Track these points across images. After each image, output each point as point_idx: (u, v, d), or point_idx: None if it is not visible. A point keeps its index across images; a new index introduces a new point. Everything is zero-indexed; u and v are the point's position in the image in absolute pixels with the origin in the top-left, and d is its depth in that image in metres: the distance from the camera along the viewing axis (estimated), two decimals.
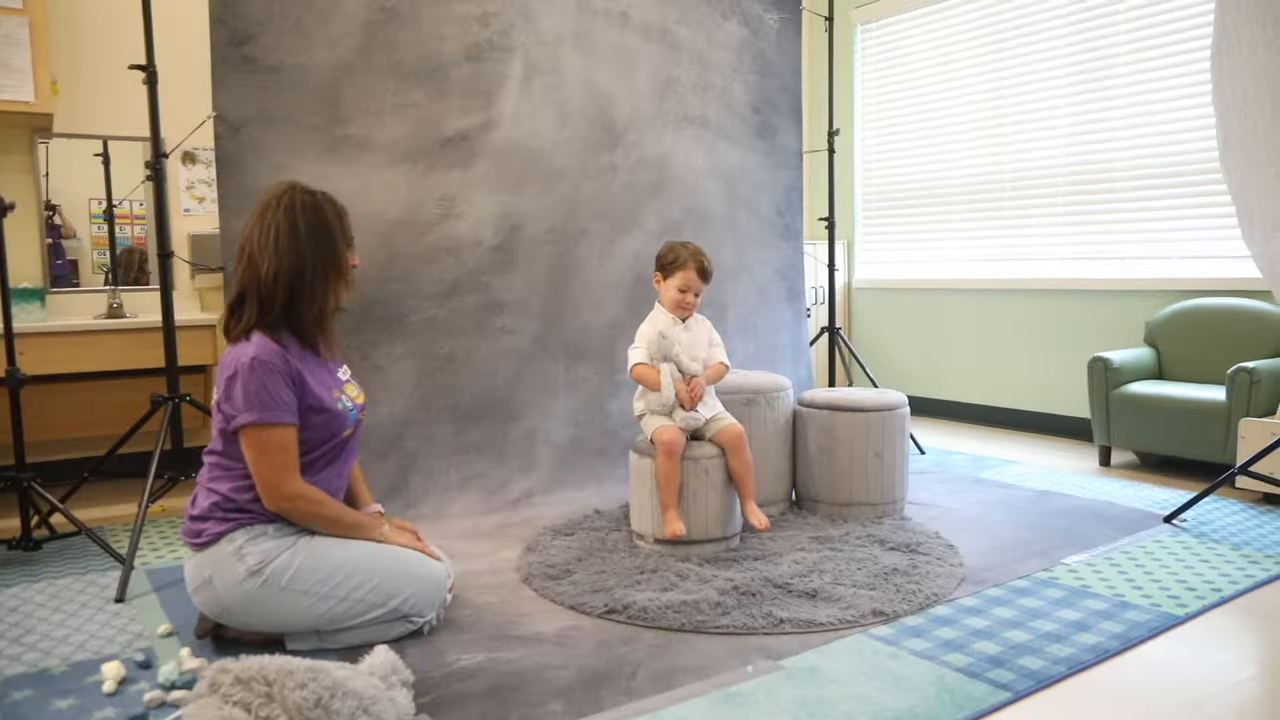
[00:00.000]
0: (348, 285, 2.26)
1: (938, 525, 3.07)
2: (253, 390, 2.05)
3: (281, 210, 2.15)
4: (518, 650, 2.14)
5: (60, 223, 3.90)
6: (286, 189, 2.20)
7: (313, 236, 2.16)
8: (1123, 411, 3.84)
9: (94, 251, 3.96)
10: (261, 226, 2.14)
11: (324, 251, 2.17)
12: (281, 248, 2.12)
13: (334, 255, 2.19)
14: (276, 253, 2.12)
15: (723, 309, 4.08)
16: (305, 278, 2.14)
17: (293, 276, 2.13)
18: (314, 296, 2.16)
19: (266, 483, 2.08)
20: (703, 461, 2.73)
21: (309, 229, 2.15)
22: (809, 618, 2.26)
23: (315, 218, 2.18)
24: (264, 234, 2.13)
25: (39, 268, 3.79)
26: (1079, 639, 2.15)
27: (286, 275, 2.12)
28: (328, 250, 2.18)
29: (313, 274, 2.15)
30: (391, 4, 3.27)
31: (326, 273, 2.18)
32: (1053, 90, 4.60)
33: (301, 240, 2.14)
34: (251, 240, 2.14)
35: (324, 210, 2.20)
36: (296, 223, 2.14)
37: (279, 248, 2.12)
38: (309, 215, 2.17)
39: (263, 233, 2.13)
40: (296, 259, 2.13)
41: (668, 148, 3.90)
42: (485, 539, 3.00)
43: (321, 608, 2.10)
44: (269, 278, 2.11)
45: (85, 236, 3.95)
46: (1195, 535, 2.95)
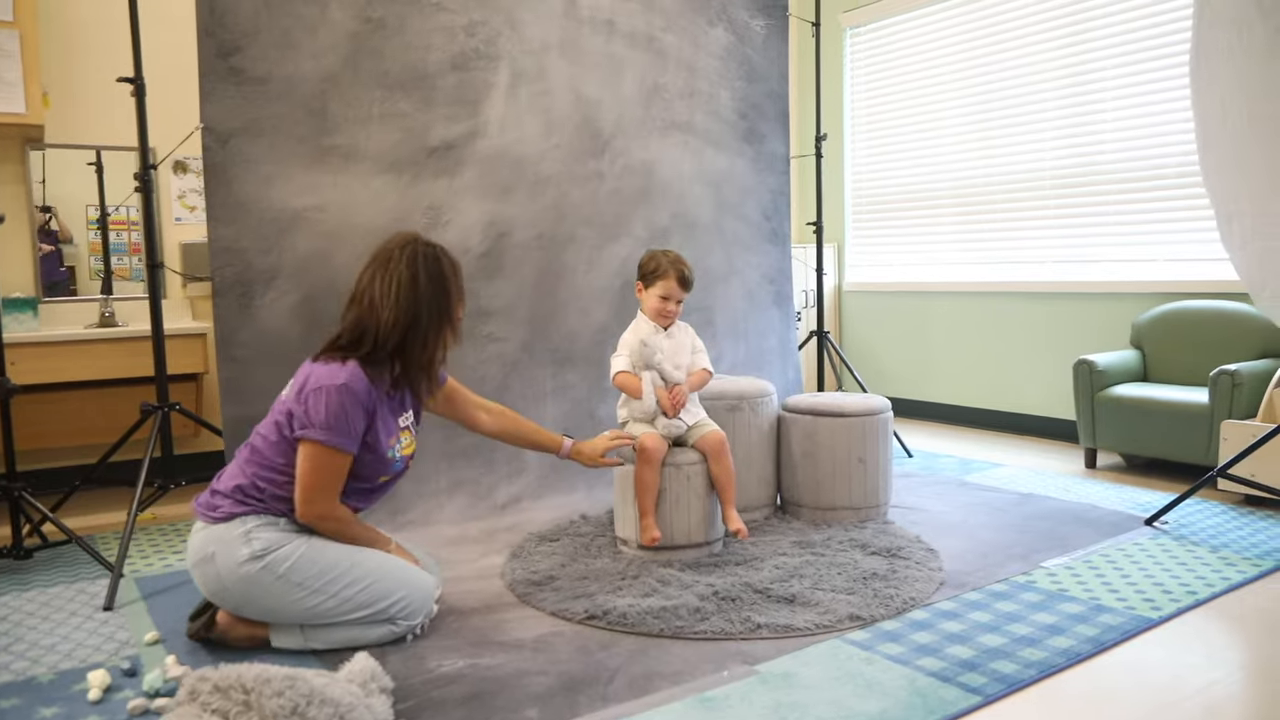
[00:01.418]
0: (456, 336, 2.36)
1: (920, 529, 3.09)
2: (334, 412, 2.14)
3: (404, 261, 2.25)
4: (498, 656, 2.17)
5: (57, 228, 3.93)
6: (410, 240, 2.31)
7: (430, 288, 2.26)
8: (1108, 414, 3.87)
9: (90, 257, 3.99)
10: (385, 276, 2.24)
11: (439, 304, 2.28)
12: (403, 298, 2.22)
13: (448, 307, 2.30)
14: (397, 304, 2.22)
15: (711, 313, 4.11)
16: (420, 327, 2.24)
17: (408, 325, 2.23)
18: (425, 345, 2.27)
19: (308, 495, 2.17)
20: (685, 468, 2.76)
21: (428, 280, 2.26)
22: (786, 623, 2.28)
23: (435, 269, 2.28)
24: (386, 283, 2.23)
25: (31, 277, 3.82)
26: (1052, 643, 2.18)
27: (403, 324, 2.22)
28: (443, 303, 2.29)
29: (427, 324, 2.26)
30: (378, 15, 3.30)
31: (440, 324, 2.29)
32: (1039, 94, 4.63)
33: (421, 291, 2.24)
34: (374, 288, 2.24)
35: (443, 263, 2.31)
36: (418, 275, 2.25)
37: (400, 298, 2.22)
38: (430, 267, 2.27)
39: (385, 281, 2.23)
40: (414, 309, 2.23)
41: (654, 154, 3.92)
42: (472, 545, 3.04)
43: (312, 601, 2.16)
44: (388, 324, 2.21)
45: (83, 242, 3.98)
46: (1175, 538, 2.98)
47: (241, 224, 3.09)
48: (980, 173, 4.93)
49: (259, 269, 3.11)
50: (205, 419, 3.49)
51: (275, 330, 3.14)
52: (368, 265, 2.30)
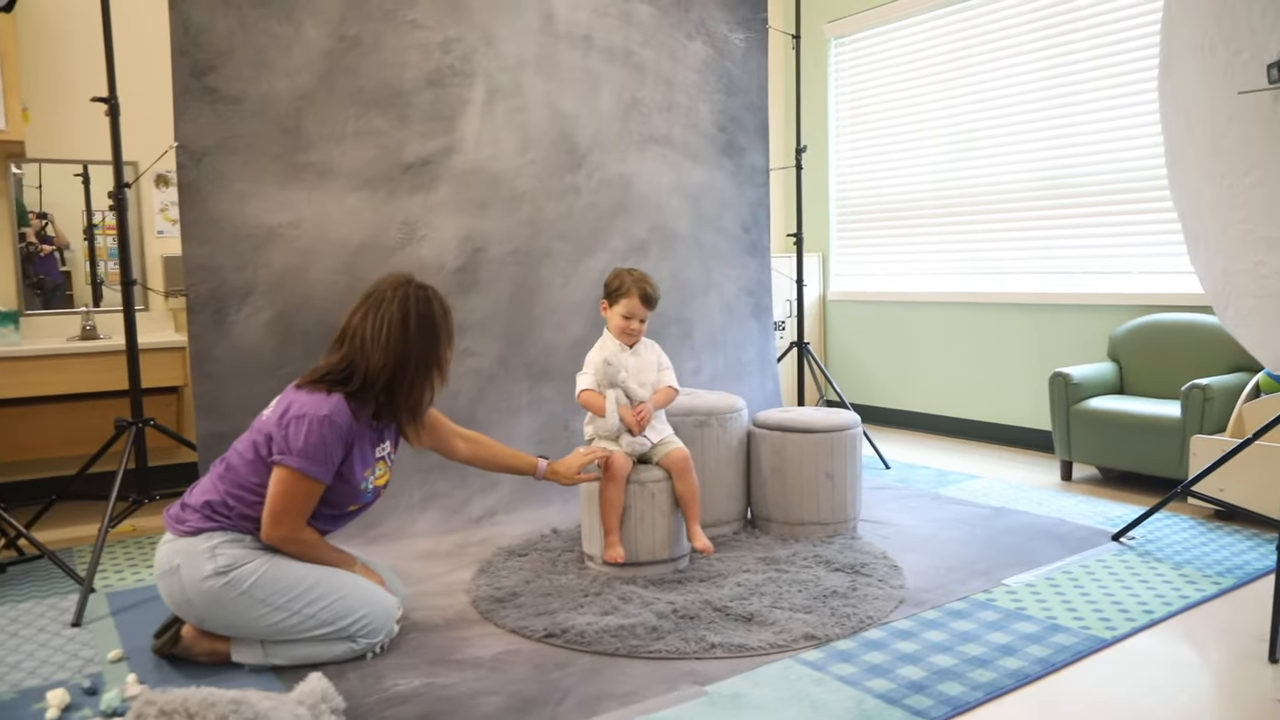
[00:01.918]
0: (443, 377, 2.40)
1: (888, 544, 3.11)
2: (313, 442, 2.18)
3: (396, 304, 2.28)
4: (454, 675, 2.20)
5: (54, 233, 3.98)
6: (403, 282, 2.34)
7: (420, 332, 2.30)
8: (1083, 427, 3.88)
9: (85, 263, 4.03)
10: (376, 317, 2.27)
11: (428, 348, 2.32)
12: (393, 341, 2.26)
13: (436, 352, 2.34)
14: (387, 346, 2.26)
15: (689, 326, 4.13)
16: (408, 370, 2.28)
17: (396, 368, 2.27)
18: (413, 388, 2.31)
19: (276, 517, 2.20)
20: (649, 485, 2.78)
21: (418, 324, 2.29)
22: (741, 642, 2.31)
23: (425, 312, 2.31)
24: (377, 325, 2.27)
25: (14, 291, 3.86)
26: (1003, 663, 2.20)
27: (392, 366, 2.26)
28: (432, 347, 2.32)
29: (415, 368, 2.29)
30: (353, 33, 3.33)
31: (429, 368, 2.33)
32: (1019, 106, 4.64)
33: (410, 335, 2.28)
34: (364, 329, 2.27)
35: (434, 306, 2.34)
36: (409, 318, 2.28)
37: (390, 341, 2.26)
38: (421, 310, 2.31)
39: (376, 323, 2.27)
40: (403, 353, 2.27)
41: (632, 168, 3.95)
42: (442, 560, 3.06)
43: (274, 618, 2.20)
44: (377, 366, 2.26)
45: (78, 248, 4.02)
46: (1140, 554, 2.99)
47: (216, 241, 3.12)
48: (962, 184, 4.95)
49: (233, 285, 3.15)
50: (185, 431, 3.53)
51: (250, 346, 3.17)
52: (359, 305, 2.33)
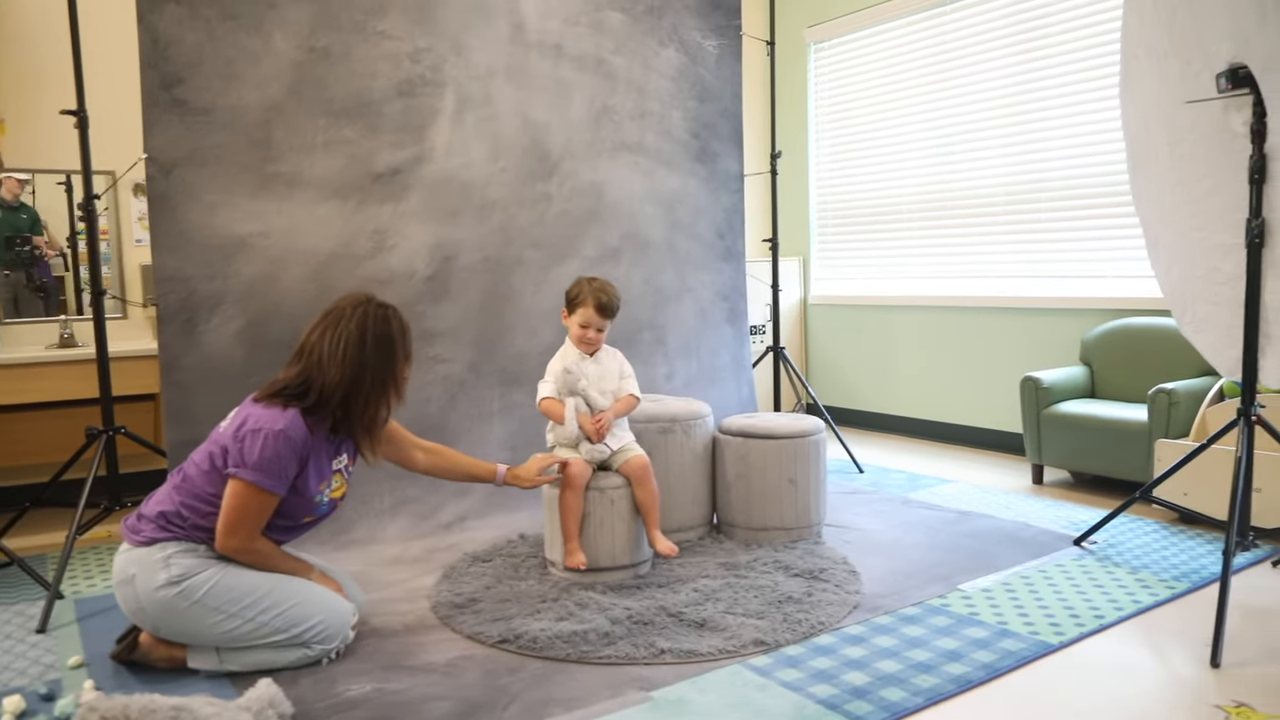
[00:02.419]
0: (400, 395, 2.44)
1: (851, 549, 3.14)
2: (268, 456, 2.22)
3: (354, 321, 2.32)
4: (406, 680, 2.23)
5: (47, 238, 4.03)
6: (363, 301, 2.38)
7: (377, 350, 2.33)
8: (1053, 430, 3.90)
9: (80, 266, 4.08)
10: (333, 335, 2.31)
11: (385, 366, 2.36)
12: (349, 358, 2.30)
13: (392, 370, 2.38)
14: (343, 363, 2.30)
15: (662, 332, 4.16)
16: (364, 388, 2.32)
17: (352, 385, 2.30)
18: (368, 404, 2.34)
19: (230, 528, 2.24)
20: (609, 492, 2.81)
21: (375, 342, 2.33)
22: (691, 648, 2.34)
23: (383, 330, 2.35)
24: (334, 342, 2.31)
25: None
26: (947, 669, 2.22)
27: (348, 383, 2.30)
28: (388, 365, 2.36)
29: (371, 385, 2.33)
30: (322, 44, 3.37)
31: (385, 386, 2.37)
32: (995, 112, 4.66)
33: (367, 352, 2.32)
34: (322, 345, 2.31)
35: (391, 325, 2.38)
36: (366, 335, 2.32)
37: (345, 358, 2.30)
38: (378, 328, 2.35)
39: (334, 340, 2.31)
40: (359, 370, 2.31)
41: (604, 175, 3.98)
42: (409, 565, 3.10)
43: (228, 625, 2.23)
44: (333, 382, 2.30)
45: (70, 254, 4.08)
46: (1099, 558, 3.01)
47: (185, 251, 3.16)
48: (939, 188, 4.97)
49: (203, 295, 3.19)
50: (159, 438, 3.57)
51: (220, 355, 3.21)
52: (318, 322, 2.37)
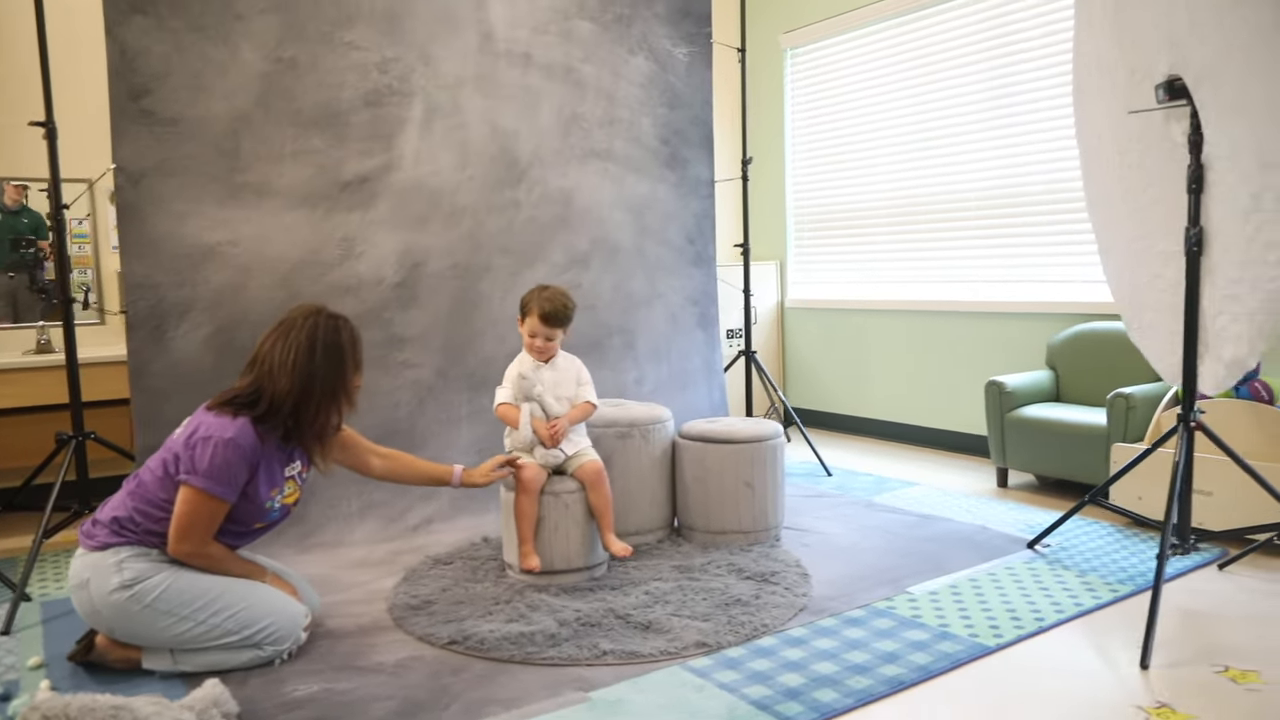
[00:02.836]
0: (351, 403, 2.50)
1: (807, 553, 3.19)
2: (218, 463, 2.28)
3: (305, 332, 2.38)
4: (354, 681, 2.29)
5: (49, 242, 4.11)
6: (314, 311, 2.44)
7: (326, 360, 2.39)
8: (1017, 434, 3.95)
9: (75, 269, 4.15)
10: (285, 344, 2.37)
11: (334, 375, 2.41)
12: (299, 368, 2.36)
13: (342, 379, 2.44)
14: (293, 372, 2.35)
15: (632, 337, 4.21)
16: (313, 397, 2.38)
17: (301, 394, 2.36)
18: (318, 413, 2.40)
19: (181, 534, 2.30)
20: (563, 496, 2.87)
21: (325, 352, 2.39)
22: (634, 649, 2.39)
23: (333, 341, 2.41)
24: (285, 351, 2.36)
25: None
26: (882, 671, 2.27)
27: (297, 392, 2.36)
28: (338, 375, 2.42)
29: (321, 394, 2.39)
30: (289, 55, 3.42)
31: (334, 395, 2.42)
32: (965, 118, 4.70)
33: (316, 362, 2.38)
34: (273, 355, 2.37)
35: (341, 335, 2.44)
36: (315, 346, 2.38)
37: (295, 367, 2.36)
38: (328, 338, 2.40)
39: (284, 350, 2.37)
40: (309, 379, 2.37)
41: (573, 182, 4.03)
42: (373, 568, 3.15)
43: (179, 628, 2.29)
44: (283, 391, 2.35)
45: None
46: (1049, 561, 3.06)
47: (154, 260, 3.22)
48: (911, 194, 5.01)
49: (172, 302, 3.25)
50: (130, 443, 3.63)
51: (188, 361, 3.27)
52: (271, 331, 2.43)
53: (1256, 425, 3.12)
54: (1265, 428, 3.10)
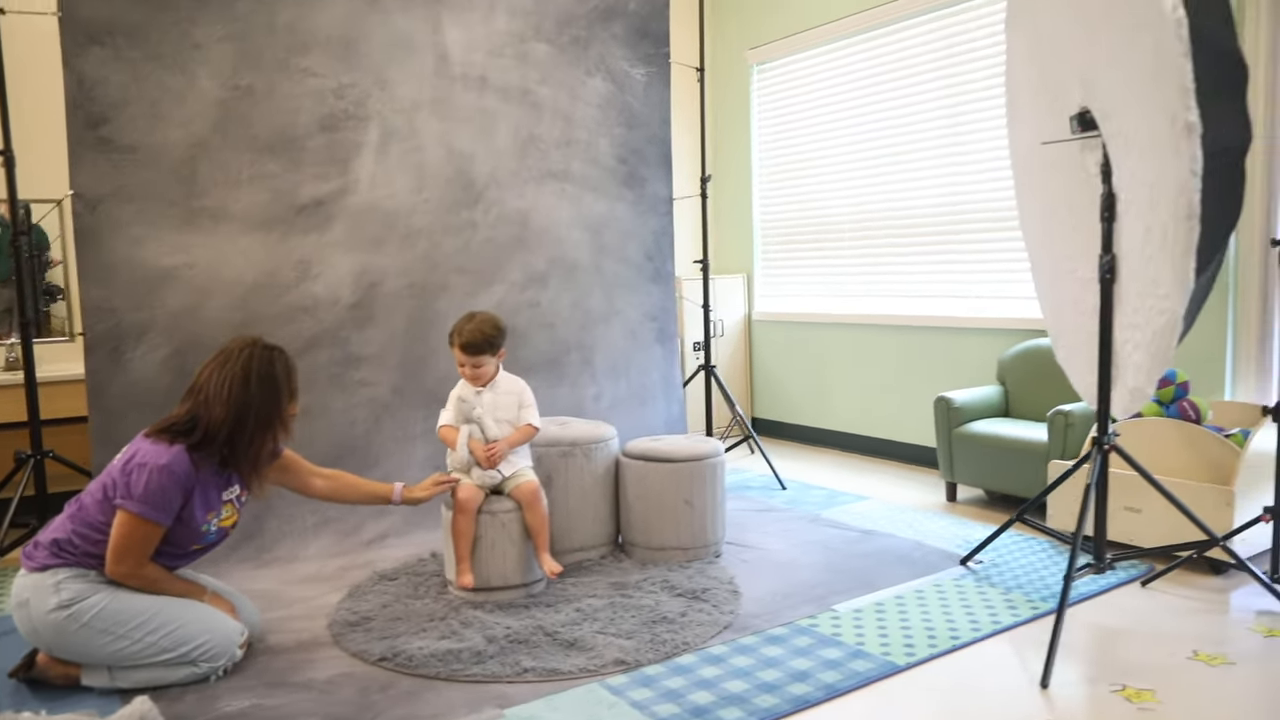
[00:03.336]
0: (287, 431, 2.61)
1: (744, 569, 3.26)
2: (153, 489, 2.37)
3: (240, 363, 2.48)
4: (284, 697, 2.38)
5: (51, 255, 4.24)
6: (250, 343, 2.54)
7: (261, 390, 2.49)
8: (964, 449, 4.02)
9: None
10: (220, 375, 2.47)
11: (268, 404, 2.51)
12: (234, 397, 2.46)
13: (276, 409, 2.54)
14: (228, 402, 2.45)
15: (590, 353, 4.30)
16: (247, 426, 2.48)
17: (236, 423, 2.46)
18: (252, 441, 2.50)
19: (118, 555, 2.40)
20: (500, 515, 2.95)
21: (259, 383, 2.49)
22: (555, 667, 2.47)
23: (267, 372, 2.51)
24: (220, 381, 2.46)
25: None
26: (791, 689, 2.35)
27: (232, 421, 2.46)
28: (272, 403, 2.52)
29: (255, 424, 2.49)
30: (246, 82, 3.52)
31: (269, 424, 2.53)
32: (920, 135, 4.77)
33: (251, 393, 2.47)
34: (210, 384, 2.47)
35: (275, 366, 2.54)
36: (250, 376, 2.48)
37: (230, 397, 2.45)
38: (262, 369, 2.50)
39: (220, 380, 2.47)
40: (243, 409, 2.46)
41: (530, 202, 4.12)
42: (320, 583, 3.24)
43: (115, 646, 2.39)
44: (218, 420, 2.45)
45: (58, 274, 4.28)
46: (978, 579, 3.13)
47: (112, 284, 3.32)
48: (872, 209, 5.08)
49: (130, 324, 3.35)
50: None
51: (145, 381, 3.37)
52: (209, 361, 2.53)
53: (1184, 444, 3.18)
54: (1192, 446, 3.17)
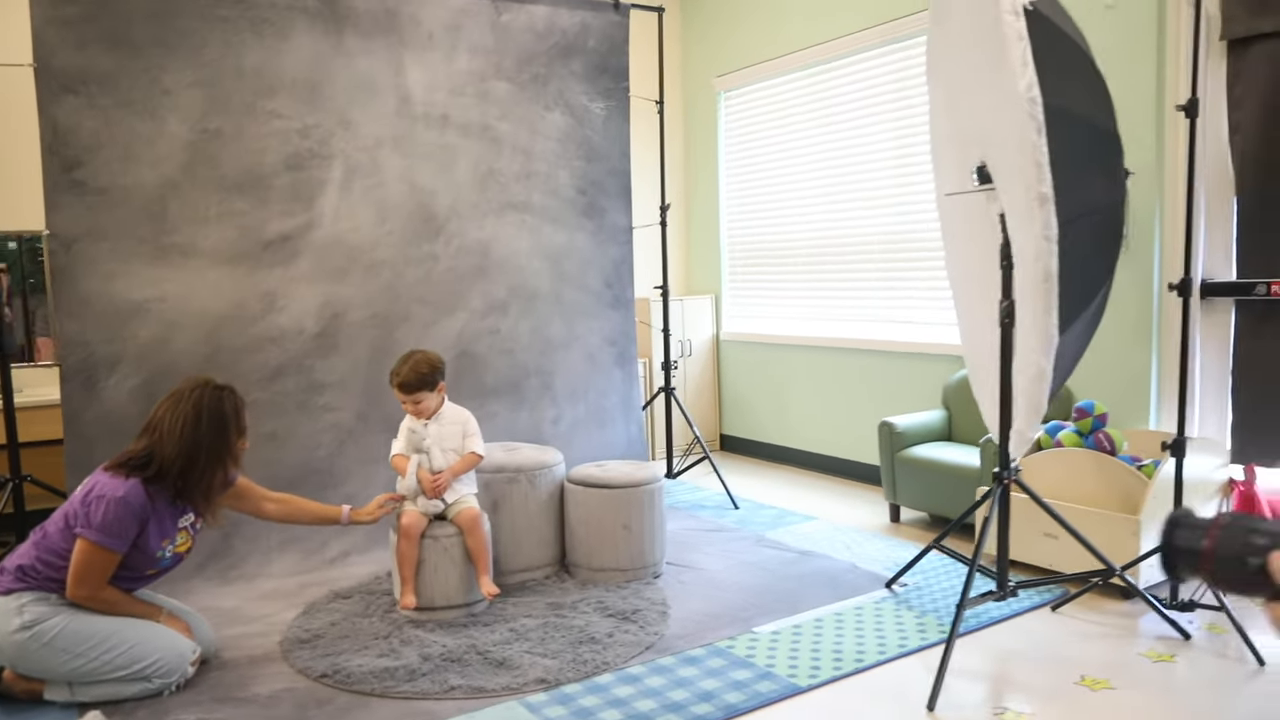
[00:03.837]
0: (237, 464, 2.84)
1: (679, 589, 3.43)
2: (110, 519, 2.58)
3: (191, 402, 2.70)
4: (228, 711, 2.58)
5: None
6: (201, 384, 2.76)
7: (210, 428, 2.71)
8: (906, 473, 4.18)
9: None
10: (174, 414, 2.69)
11: (218, 440, 2.73)
12: (185, 435, 2.67)
13: (225, 445, 2.76)
14: (180, 439, 2.67)
15: (550, 377, 4.48)
16: (198, 462, 2.70)
17: (188, 459, 2.68)
18: (203, 475, 2.72)
19: (77, 580, 2.61)
20: (442, 540, 3.14)
21: (209, 421, 2.71)
22: (480, 685, 2.66)
23: (216, 410, 2.73)
24: (173, 421, 2.68)
25: None
26: (694, 709, 2.52)
27: (184, 458, 2.67)
28: (221, 439, 2.74)
29: (206, 458, 2.71)
30: (214, 125, 3.72)
31: (219, 459, 2.75)
32: (873, 164, 4.93)
33: (202, 431, 2.69)
34: (163, 423, 2.69)
35: (224, 405, 2.76)
36: (201, 415, 2.70)
37: (183, 435, 2.67)
38: (212, 408, 2.72)
39: (173, 420, 2.69)
40: (194, 445, 2.68)
41: (490, 233, 4.31)
42: (279, 600, 3.44)
43: (74, 664, 2.59)
44: (170, 456, 2.67)
45: None
46: (899, 601, 3.29)
47: (86, 317, 3.53)
48: (826, 234, 5.24)
49: (103, 355, 3.56)
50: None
51: (117, 409, 3.58)
52: (164, 400, 2.75)
53: (1098, 474, 3.34)
54: (1106, 476, 3.32)
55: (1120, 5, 3.69)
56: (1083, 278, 2.34)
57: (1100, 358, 3.87)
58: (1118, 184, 2.43)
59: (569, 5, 4.47)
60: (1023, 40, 2.10)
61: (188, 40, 3.64)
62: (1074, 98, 2.26)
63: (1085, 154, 2.30)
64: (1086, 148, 2.32)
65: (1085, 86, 2.32)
